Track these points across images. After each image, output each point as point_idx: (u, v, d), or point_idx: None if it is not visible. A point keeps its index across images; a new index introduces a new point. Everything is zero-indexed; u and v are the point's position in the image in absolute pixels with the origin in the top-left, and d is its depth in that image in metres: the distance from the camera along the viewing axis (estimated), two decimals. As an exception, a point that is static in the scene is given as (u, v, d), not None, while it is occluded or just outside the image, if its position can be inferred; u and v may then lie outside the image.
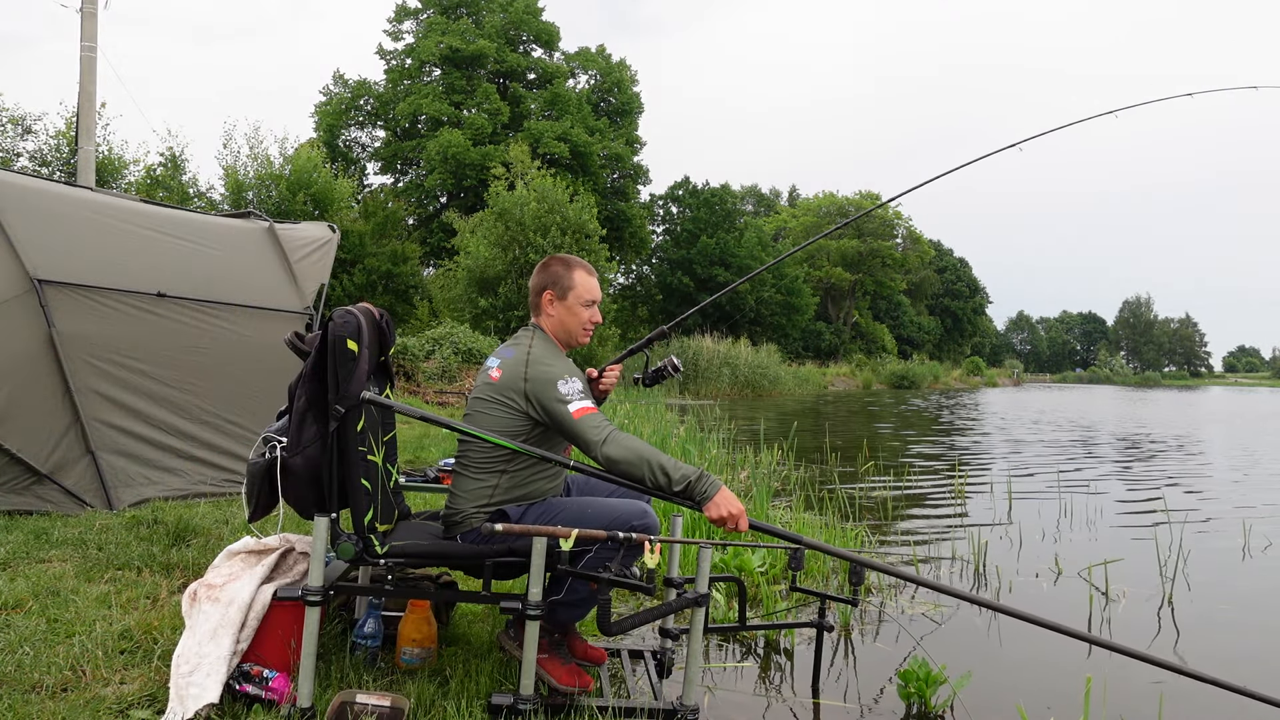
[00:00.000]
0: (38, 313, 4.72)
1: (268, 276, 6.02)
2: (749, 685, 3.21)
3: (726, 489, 2.50)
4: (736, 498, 2.50)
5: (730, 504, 2.47)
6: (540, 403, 2.60)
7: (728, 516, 2.47)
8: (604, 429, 2.53)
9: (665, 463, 2.48)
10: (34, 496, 4.59)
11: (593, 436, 2.52)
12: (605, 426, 2.54)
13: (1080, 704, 2.81)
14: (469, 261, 23.13)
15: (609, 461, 2.50)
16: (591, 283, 2.85)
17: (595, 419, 2.55)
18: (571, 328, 2.82)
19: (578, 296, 2.80)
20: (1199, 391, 62.10)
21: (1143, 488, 9.12)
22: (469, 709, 2.48)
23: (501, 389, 2.66)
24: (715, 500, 2.47)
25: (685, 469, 2.49)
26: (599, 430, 2.52)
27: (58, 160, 18.57)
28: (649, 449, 2.51)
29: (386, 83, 38.06)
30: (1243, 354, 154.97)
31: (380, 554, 2.51)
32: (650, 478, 2.48)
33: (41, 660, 2.60)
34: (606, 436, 2.51)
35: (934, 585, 2.86)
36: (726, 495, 2.49)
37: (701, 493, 2.47)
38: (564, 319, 2.81)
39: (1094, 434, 16.62)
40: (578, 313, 2.81)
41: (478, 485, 2.68)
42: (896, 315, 63.55)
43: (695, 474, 2.48)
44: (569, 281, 2.80)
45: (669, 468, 2.47)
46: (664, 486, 2.48)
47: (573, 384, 2.60)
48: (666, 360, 3.16)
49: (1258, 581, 5.17)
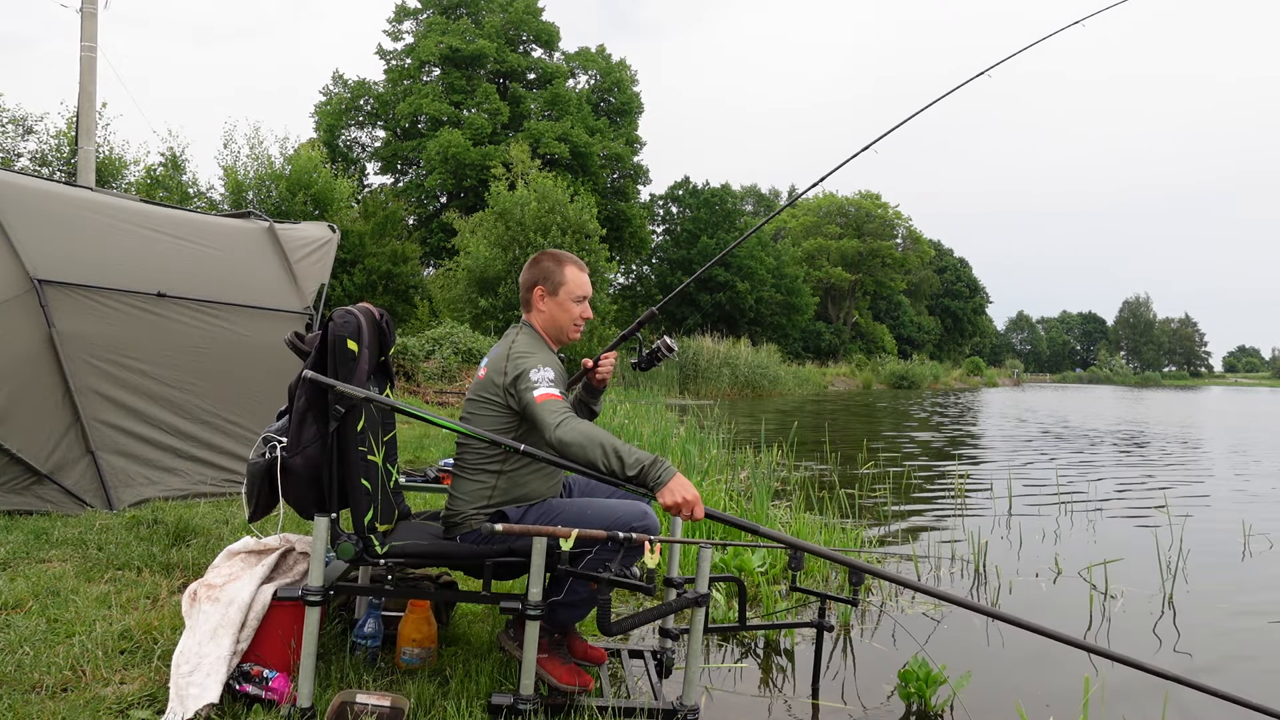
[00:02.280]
0: (38, 313, 4.72)
1: (268, 276, 6.02)
2: (749, 685, 3.21)
3: (681, 476, 2.45)
4: (691, 484, 2.45)
5: (684, 490, 2.41)
6: (514, 392, 2.60)
7: (681, 503, 2.40)
8: (561, 413, 2.48)
9: (620, 447, 2.42)
10: (34, 496, 4.59)
11: (549, 420, 2.47)
12: (563, 411, 2.49)
13: (1080, 704, 2.81)
14: (469, 261, 23.13)
15: (561, 444, 2.44)
16: (582, 278, 2.84)
17: (555, 404, 2.51)
18: (562, 323, 2.81)
19: (569, 292, 2.79)
20: (1199, 391, 62.10)
21: (1143, 488, 9.12)
22: (469, 709, 2.48)
23: (487, 386, 2.69)
24: (669, 486, 2.41)
25: (639, 454, 2.43)
26: (555, 414, 2.48)
27: (58, 160, 18.57)
28: (604, 434, 2.45)
29: (386, 83, 38.06)
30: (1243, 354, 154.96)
31: (380, 554, 2.51)
32: (604, 462, 2.42)
33: (41, 660, 2.60)
34: (561, 421, 2.46)
35: (924, 589, 2.85)
36: (681, 482, 2.43)
37: (655, 479, 2.41)
38: (555, 315, 2.81)
39: (1094, 434, 16.61)
40: (569, 308, 2.80)
41: (475, 486, 2.69)
42: (896, 315, 63.55)
43: (649, 459, 2.42)
44: (560, 277, 2.80)
45: (623, 452, 2.41)
46: (617, 471, 2.42)
47: (544, 372, 2.58)
48: (660, 342, 3.10)
49: (1258, 581, 5.17)
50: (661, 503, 2.44)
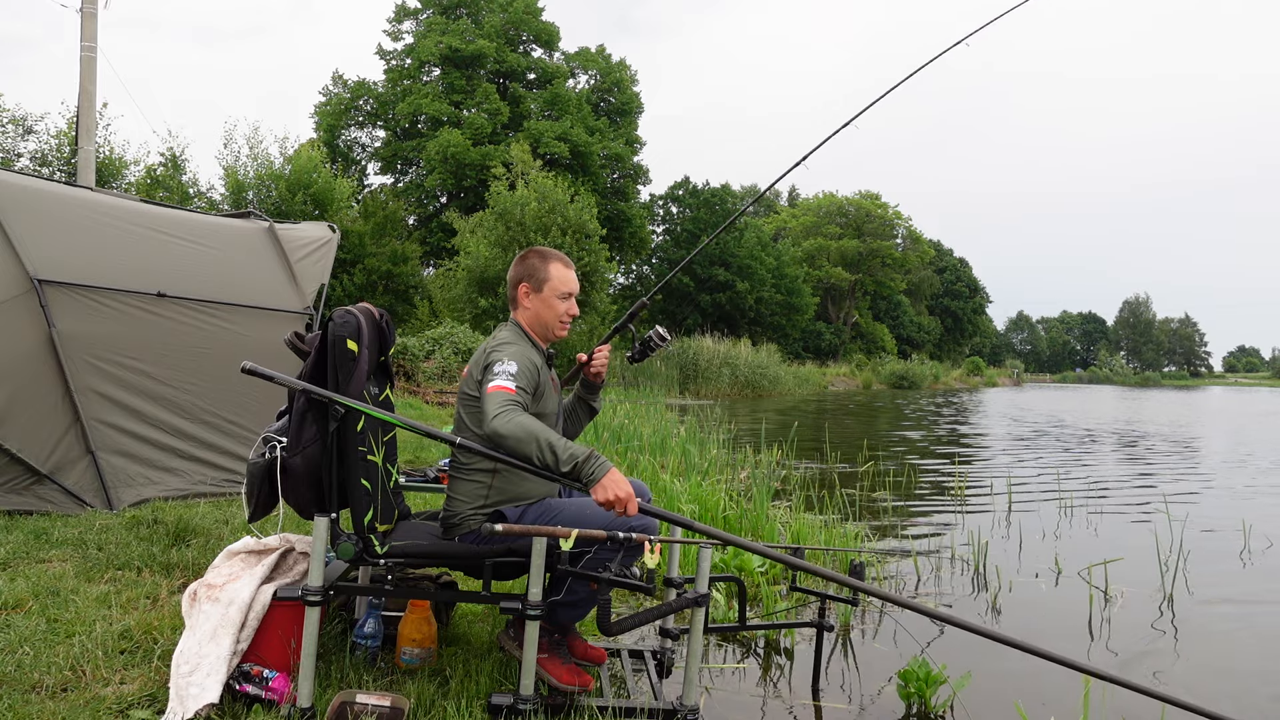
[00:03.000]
0: (38, 313, 4.72)
1: (268, 276, 6.02)
2: (749, 685, 3.21)
3: (617, 471, 2.41)
4: (626, 480, 2.42)
5: (617, 486, 2.37)
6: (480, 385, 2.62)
7: (615, 500, 2.37)
8: (505, 406, 2.44)
9: (555, 442, 2.38)
10: (34, 496, 4.59)
11: (488, 409, 2.44)
12: (509, 405, 2.45)
13: (1080, 704, 2.81)
14: (469, 261, 23.13)
15: (496, 436, 2.40)
16: (568, 275, 2.85)
17: (503, 396, 2.47)
18: (548, 320, 2.83)
19: (553, 289, 2.81)
20: (1199, 391, 62.10)
21: (1142, 487, 9.12)
22: (469, 709, 2.48)
23: (468, 384, 2.74)
24: (602, 483, 2.36)
25: (575, 449, 2.39)
26: (499, 406, 2.44)
27: (58, 160, 18.58)
28: (542, 429, 2.41)
29: (386, 83, 38.06)
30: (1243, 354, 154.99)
31: (380, 554, 2.51)
32: (538, 455, 2.38)
33: (41, 660, 2.60)
34: (501, 412, 2.42)
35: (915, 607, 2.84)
36: (615, 478, 2.38)
37: (589, 474, 2.37)
38: (540, 311, 2.82)
39: (1093, 434, 16.61)
40: (553, 305, 2.82)
41: (472, 486, 2.69)
42: (896, 315, 63.55)
43: (584, 454, 2.39)
44: (544, 274, 2.81)
45: (558, 447, 2.38)
46: (551, 465, 2.38)
47: (506, 365, 2.56)
48: (651, 332, 3.08)
49: (1258, 582, 5.17)
50: (595, 499, 2.40)
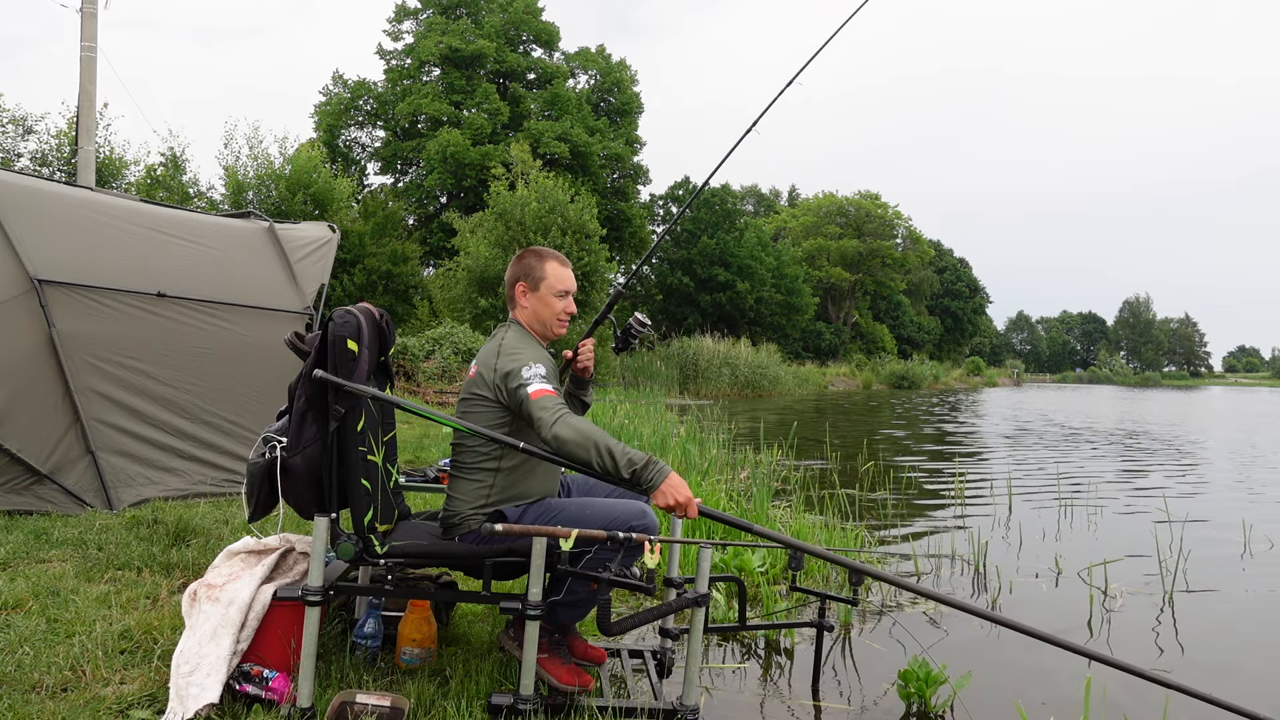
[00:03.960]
0: (38, 313, 4.72)
1: (268, 276, 6.02)
2: (749, 685, 3.21)
3: (676, 475, 2.44)
4: (686, 484, 2.45)
5: (678, 491, 2.41)
6: (506, 390, 2.60)
7: (675, 505, 2.40)
8: (556, 409, 2.49)
9: (614, 447, 2.42)
10: (34, 496, 4.59)
11: (544, 416, 2.48)
12: (558, 408, 2.50)
13: (1080, 704, 2.80)
14: (469, 261, 23.11)
15: (557, 440, 2.44)
16: (564, 273, 2.85)
17: (550, 400, 2.52)
18: (545, 319, 2.83)
19: (550, 287, 2.81)
20: (1199, 391, 62.10)
21: (1143, 487, 9.12)
22: (469, 709, 2.48)
23: (476, 385, 2.70)
24: (662, 488, 2.40)
25: (633, 454, 2.43)
26: (552, 411, 2.48)
27: (58, 160, 18.58)
28: (599, 432, 2.45)
29: (386, 83, 38.05)
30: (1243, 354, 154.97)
31: (380, 554, 2.51)
32: (598, 461, 2.42)
33: (41, 660, 2.60)
34: (557, 417, 2.46)
35: (925, 592, 2.85)
36: (674, 482, 2.42)
37: (649, 480, 2.41)
38: (537, 310, 2.83)
39: (1093, 434, 16.62)
40: (550, 304, 2.82)
41: (473, 486, 2.68)
42: (896, 315, 63.53)
43: (643, 460, 2.42)
44: (541, 273, 2.82)
45: (616, 452, 2.41)
46: (611, 471, 2.42)
47: (536, 369, 2.59)
48: (630, 320, 3.07)
49: (1258, 582, 5.17)
50: (656, 504, 2.45)
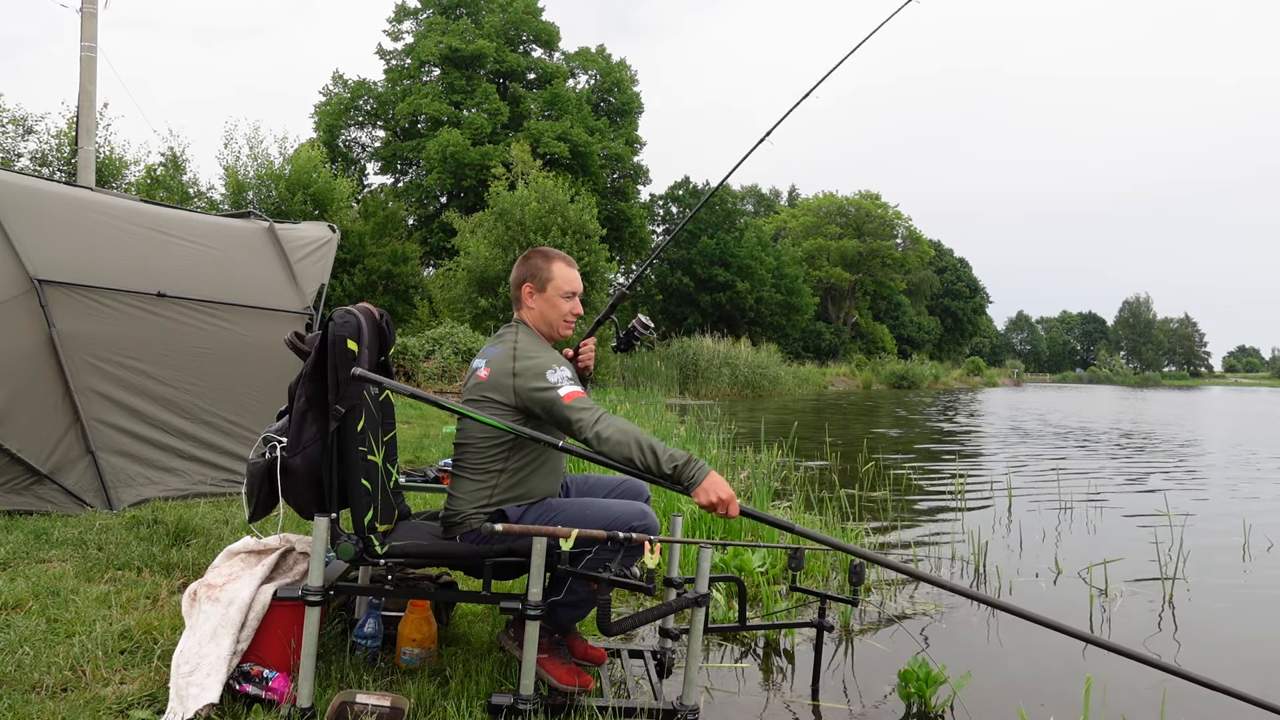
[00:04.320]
0: (38, 313, 4.72)
1: (268, 276, 6.02)
2: (749, 685, 3.21)
3: (716, 474, 2.48)
4: (726, 483, 2.48)
5: (719, 489, 2.45)
6: (529, 395, 2.59)
7: (717, 502, 2.44)
8: (594, 410, 2.53)
9: (655, 445, 2.47)
10: (34, 496, 4.59)
11: (585, 416, 2.51)
12: (595, 408, 2.54)
13: (1080, 704, 2.81)
14: (469, 261, 23.13)
15: (600, 439, 2.48)
16: (571, 274, 2.84)
17: (585, 401, 2.56)
18: (552, 320, 2.82)
19: (557, 288, 2.80)
20: (1199, 391, 62.09)
21: (1143, 487, 9.12)
22: (469, 709, 2.48)
23: (490, 387, 2.67)
24: (704, 485, 2.45)
25: (675, 453, 2.47)
26: (590, 411, 2.52)
27: (58, 160, 18.59)
28: (639, 431, 2.50)
29: (386, 83, 38.05)
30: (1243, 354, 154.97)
31: (380, 554, 2.51)
32: (640, 458, 2.46)
33: (41, 660, 2.60)
34: (598, 416, 2.51)
35: (932, 579, 2.85)
36: (715, 480, 2.46)
37: (689, 477, 2.45)
38: (544, 311, 2.81)
39: (1093, 433, 16.61)
40: (557, 304, 2.81)
41: (475, 486, 2.68)
42: (896, 315, 63.53)
43: (684, 458, 2.46)
44: (548, 274, 2.80)
45: (659, 450, 2.46)
46: (652, 468, 2.46)
47: (560, 371, 2.61)
48: (634, 321, 3.08)
49: (1258, 582, 5.17)
50: (697, 502, 2.47)
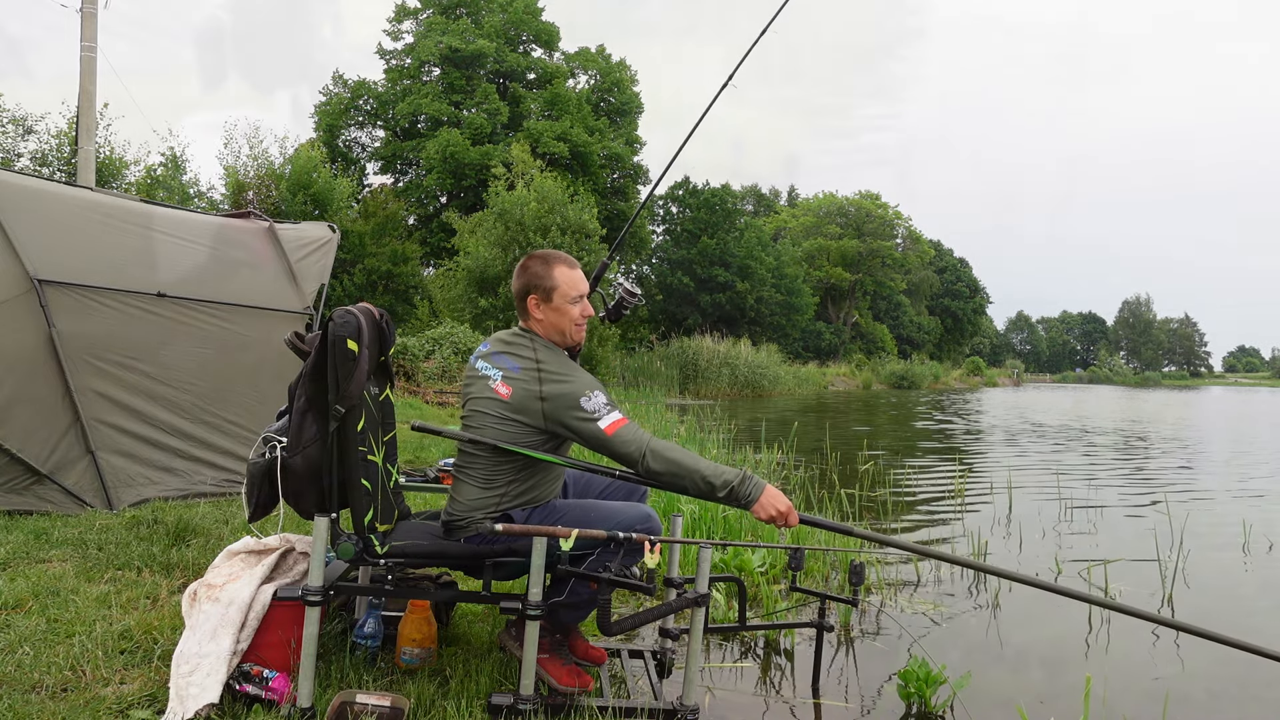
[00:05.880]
0: (38, 313, 4.72)
1: (268, 276, 6.02)
2: (749, 685, 3.21)
3: (772, 488, 2.53)
4: (783, 494, 2.53)
5: (777, 502, 2.51)
6: (563, 423, 2.54)
7: (777, 515, 2.51)
8: (642, 440, 2.53)
9: (706, 472, 2.49)
10: (34, 496, 4.59)
11: (632, 451, 2.52)
12: (641, 437, 2.54)
13: (1080, 704, 2.81)
14: (469, 261, 23.12)
15: (652, 475, 2.53)
16: (575, 276, 2.71)
17: (629, 431, 2.54)
18: (564, 328, 2.71)
19: (563, 295, 2.68)
20: (1199, 391, 62.08)
21: (1143, 487, 9.12)
22: (469, 709, 2.48)
23: (514, 409, 2.56)
24: (761, 502, 2.51)
25: (726, 474, 2.50)
26: (636, 443, 2.52)
27: (58, 160, 18.59)
28: (688, 458, 2.52)
29: (386, 83, 38.04)
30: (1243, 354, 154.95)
31: (380, 554, 2.51)
32: (694, 488, 2.51)
33: (41, 660, 2.60)
34: (646, 448, 2.51)
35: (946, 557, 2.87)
36: (772, 494, 2.52)
37: (746, 495, 2.50)
38: (554, 321, 2.70)
39: (1092, 433, 16.61)
40: (566, 311, 2.69)
41: (482, 493, 2.63)
42: (896, 315, 63.52)
43: (737, 478, 2.50)
44: (551, 281, 2.67)
45: (710, 476, 2.49)
46: (707, 494, 2.52)
47: (596, 398, 2.53)
48: (620, 290, 3.05)
49: (1258, 582, 5.18)
50: (757, 517, 2.52)
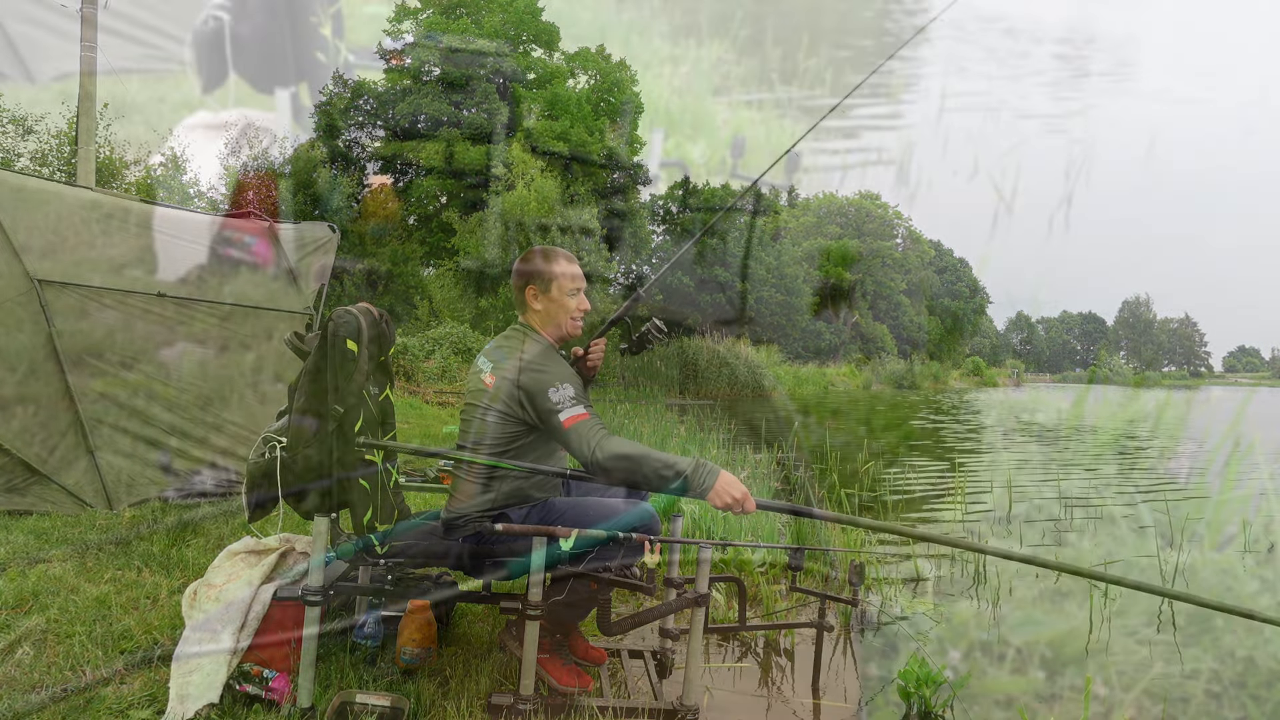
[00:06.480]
0: (38, 313, 4.72)
1: (268, 276, 6.01)
2: (749, 685, 3.21)
3: (726, 473, 2.42)
4: (737, 480, 2.43)
5: (732, 489, 2.40)
6: (533, 407, 2.56)
7: (733, 502, 2.40)
8: (594, 436, 2.46)
9: (656, 465, 2.40)
10: (34, 496, 4.59)
11: (583, 446, 2.46)
12: (595, 433, 2.47)
13: (1080, 704, 2.81)
14: (469, 261, 23.13)
15: (601, 470, 2.43)
16: (573, 270, 2.76)
17: (584, 426, 2.48)
18: (560, 319, 2.75)
19: (561, 287, 2.73)
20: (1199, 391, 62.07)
21: (1143, 487, 9.12)
22: (469, 709, 2.48)
23: (495, 397, 2.62)
24: (716, 489, 2.40)
25: (679, 464, 2.41)
26: (589, 439, 2.45)
27: (58, 160, 18.59)
28: (640, 450, 2.43)
29: (386, 83, 38.03)
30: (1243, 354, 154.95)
31: (380, 554, 2.51)
32: (646, 482, 2.42)
33: (41, 660, 2.60)
34: (596, 444, 2.44)
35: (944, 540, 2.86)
36: (726, 480, 2.41)
37: (700, 483, 2.41)
38: (551, 312, 2.75)
39: (1094, 433, 16.61)
40: (564, 303, 2.74)
41: (479, 490, 2.65)
42: (896, 315, 63.54)
43: (690, 466, 2.41)
44: (550, 273, 2.73)
45: (661, 467, 2.40)
46: (660, 488, 2.43)
47: (564, 390, 2.53)
48: (649, 324, 3.03)
49: (1259, 583, 5.17)
50: (713, 505, 2.43)
